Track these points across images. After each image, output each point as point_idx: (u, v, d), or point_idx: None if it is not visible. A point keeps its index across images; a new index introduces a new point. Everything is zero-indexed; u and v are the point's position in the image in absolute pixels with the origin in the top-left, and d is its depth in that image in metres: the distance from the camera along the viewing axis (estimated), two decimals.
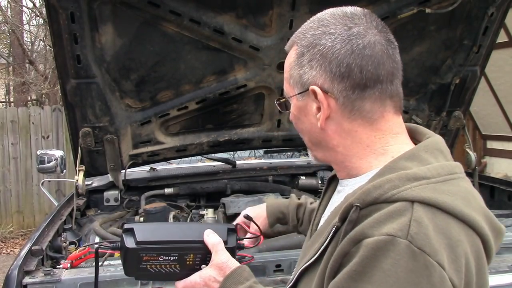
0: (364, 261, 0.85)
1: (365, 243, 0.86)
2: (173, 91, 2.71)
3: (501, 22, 2.79)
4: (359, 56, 0.99)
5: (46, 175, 3.96)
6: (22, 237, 7.84)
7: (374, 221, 0.88)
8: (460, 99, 3.09)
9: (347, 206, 0.94)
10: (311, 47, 1.03)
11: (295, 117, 1.13)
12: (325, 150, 1.10)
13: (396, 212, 0.87)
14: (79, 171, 2.73)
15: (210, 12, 2.40)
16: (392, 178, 0.92)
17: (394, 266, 0.83)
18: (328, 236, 0.96)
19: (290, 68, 1.09)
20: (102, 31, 2.33)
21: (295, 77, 1.07)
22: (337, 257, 0.91)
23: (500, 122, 7.41)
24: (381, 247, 0.84)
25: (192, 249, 1.26)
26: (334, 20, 1.03)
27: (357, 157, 1.05)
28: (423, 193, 0.89)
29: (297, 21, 2.44)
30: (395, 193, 0.90)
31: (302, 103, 1.08)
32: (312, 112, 1.06)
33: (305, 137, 1.14)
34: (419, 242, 0.84)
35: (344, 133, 1.05)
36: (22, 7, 11.02)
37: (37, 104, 10.51)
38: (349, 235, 0.90)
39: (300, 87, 1.06)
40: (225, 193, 3.15)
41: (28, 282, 1.80)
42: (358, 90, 1.00)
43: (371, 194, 0.92)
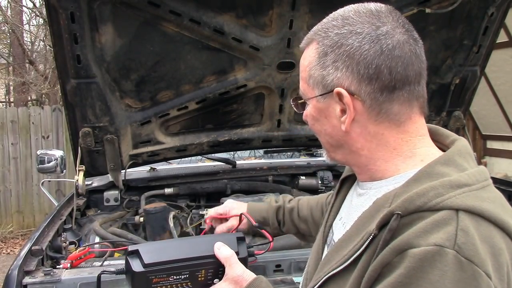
0: (410, 272, 0.83)
1: (411, 254, 0.83)
2: (173, 91, 2.71)
3: (501, 22, 2.79)
4: (388, 57, 0.96)
5: (46, 175, 3.96)
6: (22, 237, 7.84)
7: (419, 231, 0.85)
8: (460, 99, 3.09)
9: (387, 214, 0.90)
10: (336, 47, 0.99)
11: (313, 118, 1.08)
12: (347, 153, 1.06)
13: (442, 221, 0.85)
14: (79, 171, 2.73)
15: (210, 12, 2.40)
16: (436, 185, 0.89)
17: (442, 278, 0.81)
18: (364, 244, 0.93)
19: (309, 68, 1.04)
20: (102, 31, 2.33)
21: (316, 78, 1.02)
22: (377, 266, 0.88)
23: (500, 122, 7.41)
24: (428, 258, 0.82)
25: (203, 265, 1.21)
26: (360, 19, 0.99)
27: (382, 160, 1.02)
28: (467, 201, 0.87)
29: (297, 21, 2.44)
30: (439, 201, 0.87)
31: (323, 104, 1.03)
32: (334, 114, 1.02)
33: (323, 139, 1.09)
34: (467, 252, 0.82)
35: (369, 136, 1.01)
36: (22, 7, 11.02)
37: (37, 104, 10.52)
38: (391, 244, 0.87)
39: (322, 89, 1.02)
40: (225, 193, 3.15)
41: (28, 282, 1.80)
42: (387, 92, 0.98)
43: (414, 202, 0.88)
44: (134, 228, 2.84)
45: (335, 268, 0.98)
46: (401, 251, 0.85)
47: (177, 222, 2.73)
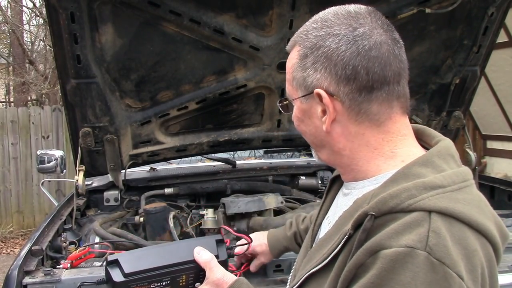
0: (382, 273, 0.83)
1: (382, 255, 0.84)
2: (173, 91, 2.71)
3: (501, 22, 2.79)
4: (365, 58, 0.97)
5: (46, 175, 3.96)
6: (22, 237, 7.84)
7: (391, 232, 0.86)
8: (460, 99, 3.09)
9: (361, 215, 0.91)
10: (315, 49, 1.00)
11: (298, 119, 1.10)
12: (330, 153, 1.08)
13: (414, 223, 0.85)
14: (79, 171, 2.73)
15: (210, 12, 2.40)
16: (409, 187, 0.90)
17: (414, 279, 0.82)
18: (340, 243, 0.94)
19: (292, 70, 1.06)
20: (102, 31, 2.33)
21: (299, 80, 1.04)
22: (351, 267, 0.89)
23: (500, 122, 7.41)
24: (399, 259, 0.83)
25: (184, 270, 1.21)
26: (338, 20, 1.00)
27: (364, 160, 1.03)
28: (440, 203, 0.88)
29: (297, 21, 2.44)
30: (412, 202, 0.88)
31: (306, 105, 1.05)
32: (316, 115, 1.04)
33: (308, 138, 1.11)
34: (438, 254, 0.82)
35: (350, 136, 1.03)
36: (22, 7, 11.02)
37: (37, 104, 10.51)
38: (364, 245, 0.88)
39: (304, 90, 1.04)
40: (225, 193, 3.15)
41: (28, 282, 1.80)
42: (365, 93, 0.98)
43: (387, 204, 0.89)
44: (134, 228, 2.84)
45: (315, 266, 1.00)
46: (374, 252, 0.85)
47: (177, 222, 2.73)
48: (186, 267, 1.22)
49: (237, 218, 2.76)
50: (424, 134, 1.10)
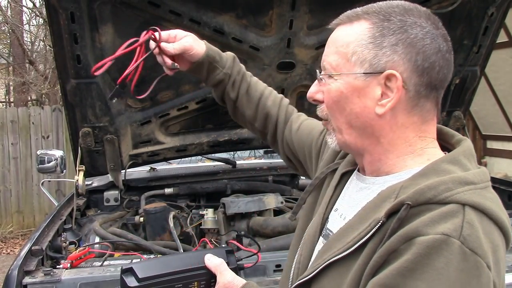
0: (417, 259, 0.86)
1: (418, 241, 0.87)
2: (173, 91, 2.71)
3: (501, 22, 2.79)
4: (443, 57, 1.02)
5: (46, 175, 3.96)
6: (22, 237, 7.84)
7: (428, 220, 0.89)
8: (460, 99, 3.09)
9: (398, 204, 0.93)
10: (399, 32, 1.00)
11: (340, 95, 1.05)
12: (365, 138, 1.06)
13: (450, 213, 0.89)
14: (79, 171, 2.73)
15: (210, 12, 2.40)
16: (445, 180, 0.93)
17: (447, 265, 0.85)
18: (371, 231, 0.96)
19: (357, 44, 1.02)
20: (102, 31, 2.33)
21: (365, 55, 1.01)
22: (383, 253, 0.91)
23: (500, 122, 7.41)
24: (436, 246, 0.86)
25: (196, 276, 1.25)
26: (423, 15, 1.04)
27: (395, 154, 1.04)
28: (473, 198, 0.91)
29: (297, 21, 2.44)
30: (448, 195, 0.91)
31: (362, 83, 1.02)
32: (372, 96, 1.02)
33: (343, 118, 1.06)
34: (471, 244, 0.86)
35: (395, 127, 1.03)
36: (22, 7, 11.02)
37: (37, 104, 10.51)
38: (399, 232, 0.90)
39: (369, 67, 1.01)
40: (225, 193, 3.15)
41: (28, 282, 1.80)
42: (429, 89, 1.02)
43: (425, 194, 0.92)
44: (134, 228, 2.84)
45: (337, 254, 1.01)
46: (409, 239, 0.88)
47: (177, 222, 2.73)
48: (198, 273, 1.25)
49: (237, 218, 2.76)
50: (441, 132, 1.13)
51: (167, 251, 2.35)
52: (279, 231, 2.62)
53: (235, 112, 1.70)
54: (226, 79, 1.62)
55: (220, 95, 1.68)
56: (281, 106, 1.66)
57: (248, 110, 1.66)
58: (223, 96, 1.68)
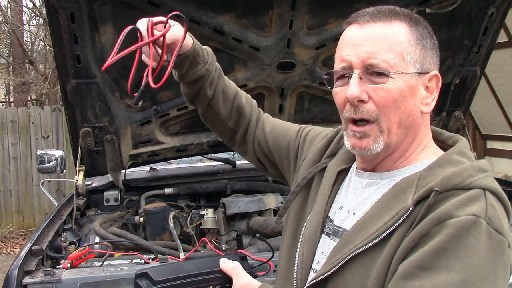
0: (450, 239, 0.92)
1: (451, 223, 0.93)
2: (173, 91, 2.71)
3: (501, 22, 2.79)
4: None
5: (46, 175, 3.97)
6: (22, 237, 7.84)
7: (457, 203, 0.96)
8: (460, 99, 3.09)
9: (426, 191, 0.99)
10: (430, 36, 1.10)
11: (400, 94, 1.04)
12: (407, 135, 1.09)
13: (475, 197, 0.97)
14: (79, 171, 2.73)
15: (210, 12, 2.40)
16: (467, 167, 1.02)
17: (476, 243, 0.92)
18: (400, 219, 1.00)
19: (409, 44, 1.06)
20: (102, 31, 2.33)
21: (418, 56, 1.07)
22: (414, 237, 0.96)
23: (500, 122, 7.41)
24: (466, 226, 0.93)
25: (210, 280, 1.25)
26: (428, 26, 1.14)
27: (418, 149, 1.11)
28: (491, 183, 1.01)
29: (297, 21, 2.44)
30: (472, 181, 0.99)
31: (415, 83, 1.07)
32: (420, 95, 1.08)
33: (396, 117, 1.06)
34: (495, 224, 0.94)
35: (424, 124, 1.12)
36: (22, 7, 11.02)
37: (37, 104, 10.51)
38: (430, 216, 0.96)
39: (420, 67, 1.07)
40: (225, 193, 3.15)
41: (28, 282, 1.80)
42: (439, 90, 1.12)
43: (452, 181, 0.99)
44: (134, 228, 2.84)
45: (361, 246, 1.03)
46: (441, 222, 0.95)
47: (177, 222, 2.73)
48: (213, 277, 1.25)
49: (237, 218, 2.76)
50: (438, 133, 1.20)
51: (167, 251, 2.35)
52: (279, 231, 2.61)
53: (207, 112, 1.56)
54: (206, 75, 1.49)
55: (193, 93, 1.54)
56: (253, 105, 1.63)
57: (223, 109, 1.54)
58: (196, 95, 1.53)
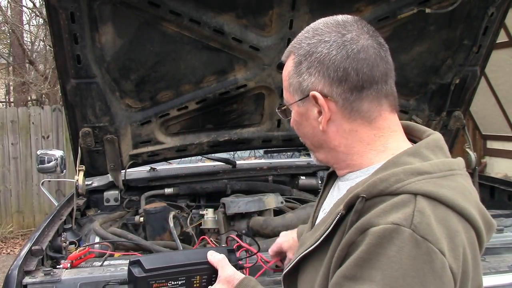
0: (370, 249, 0.91)
1: (371, 232, 0.91)
2: (173, 91, 2.71)
3: (501, 22, 2.79)
4: (354, 60, 1.05)
5: (46, 175, 3.96)
6: (22, 237, 7.83)
7: (380, 211, 0.93)
8: (460, 99, 3.08)
9: (353, 197, 0.99)
10: (308, 55, 1.09)
11: (296, 123, 1.18)
12: (327, 151, 1.15)
13: (401, 203, 0.93)
14: (79, 171, 2.73)
15: (210, 12, 2.40)
16: (397, 172, 0.98)
17: (399, 253, 0.89)
18: (332, 224, 1.01)
19: (288, 77, 1.14)
20: (102, 31, 2.33)
21: (295, 85, 1.12)
22: (344, 246, 0.96)
23: (500, 122, 7.41)
24: (386, 235, 0.90)
25: (198, 271, 1.32)
26: (328, 29, 1.09)
27: (358, 155, 1.11)
28: (425, 187, 0.95)
29: (297, 21, 2.44)
30: (399, 186, 0.96)
31: (303, 108, 1.13)
32: (313, 116, 1.12)
33: (307, 141, 1.19)
34: (422, 231, 0.89)
35: (345, 134, 1.10)
36: (22, 7, 11.02)
37: (37, 104, 10.51)
38: (355, 225, 0.95)
39: (300, 94, 1.12)
40: (225, 193, 3.15)
41: (28, 282, 1.80)
42: (356, 92, 1.06)
43: (377, 187, 0.97)
44: (134, 228, 2.84)
45: (308, 248, 1.07)
46: (364, 230, 0.93)
47: (177, 222, 2.73)
48: (201, 268, 1.32)
49: (237, 218, 2.76)
50: (414, 129, 1.18)
51: (167, 251, 2.35)
52: (279, 231, 2.61)
53: None
54: None
55: None
56: None
57: None
58: None
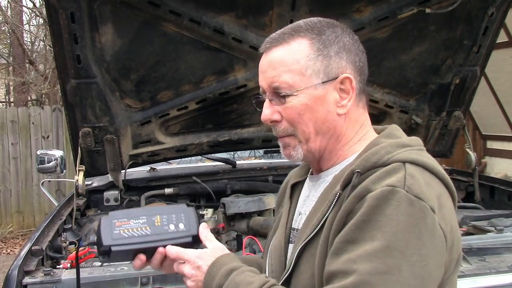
0: (369, 211, 0.98)
1: (369, 196, 0.99)
2: (173, 91, 2.71)
3: (501, 22, 2.79)
4: (363, 56, 1.20)
5: (46, 175, 3.97)
6: (22, 237, 7.84)
7: (375, 178, 1.02)
8: (460, 99, 3.08)
9: (349, 173, 1.06)
10: (337, 42, 1.15)
11: (304, 108, 1.14)
12: (328, 139, 1.17)
13: (392, 170, 1.03)
14: (79, 171, 2.73)
15: (210, 12, 2.40)
16: (385, 145, 1.09)
17: (396, 211, 0.97)
18: (331, 205, 1.07)
19: (307, 59, 1.13)
20: (102, 31, 2.33)
21: (317, 67, 1.13)
22: (342, 217, 1.02)
23: (500, 122, 7.41)
24: (384, 196, 0.98)
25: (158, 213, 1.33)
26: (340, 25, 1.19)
27: (348, 145, 1.18)
28: (411, 156, 1.06)
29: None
30: (390, 157, 1.06)
31: (321, 91, 1.14)
32: (332, 100, 1.15)
33: (309, 128, 1.15)
34: (415, 191, 0.99)
35: (350, 122, 1.18)
36: (22, 7, 11.02)
37: (37, 104, 10.52)
38: (352, 194, 1.02)
39: (324, 76, 1.14)
40: (225, 193, 3.15)
41: (28, 282, 1.80)
42: (363, 84, 1.19)
43: (370, 160, 1.06)
44: None
45: (306, 238, 1.10)
46: (362, 197, 1.01)
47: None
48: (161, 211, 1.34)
49: (237, 218, 2.76)
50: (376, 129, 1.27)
51: None
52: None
53: None
54: None
55: None
56: None
57: None
58: None
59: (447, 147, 3.29)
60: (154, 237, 1.27)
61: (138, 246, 1.27)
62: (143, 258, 1.26)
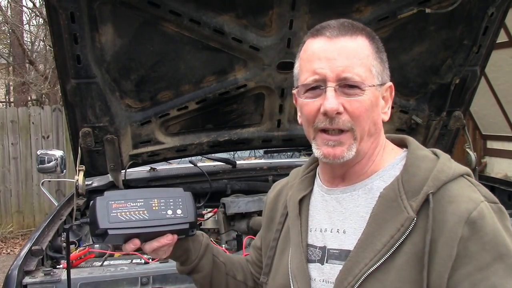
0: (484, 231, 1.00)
1: (472, 218, 1.01)
2: (173, 91, 2.71)
3: (501, 22, 2.79)
4: None
5: (46, 175, 3.97)
6: (22, 237, 7.84)
7: (461, 198, 1.04)
8: (460, 99, 3.08)
9: (424, 196, 1.05)
10: (384, 50, 1.17)
11: (371, 105, 1.11)
12: (374, 141, 1.16)
13: (464, 185, 1.07)
14: (79, 171, 2.73)
15: (210, 12, 2.40)
16: (442, 160, 1.11)
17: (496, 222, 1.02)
18: (406, 231, 1.04)
19: (372, 58, 1.13)
20: (102, 31, 2.33)
21: (379, 69, 1.14)
22: (450, 246, 1.00)
23: (500, 122, 7.41)
24: (486, 213, 1.02)
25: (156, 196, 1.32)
26: None
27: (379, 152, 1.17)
28: (459, 167, 1.11)
29: (297, 21, 2.44)
30: (452, 172, 1.08)
31: (378, 94, 1.14)
32: (380, 105, 1.16)
33: (367, 127, 1.12)
34: (491, 198, 1.07)
35: (382, 130, 1.19)
36: (22, 7, 11.02)
37: (37, 104, 10.52)
38: (450, 225, 1.01)
39: (380, 80, 1.14)
40: (225, 193, 3.15)
41: (28, 282, 1.80)
42: None
43: (440, 179, 1.07)
44: None
45: (374, 264, 1.05)
46: (464, 221, 1.01)
47: None
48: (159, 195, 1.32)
49: (237, 218, 2.75)
50: None
51: None
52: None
53: None
54: None
55: None
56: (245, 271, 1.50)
57: None
58: None
59: (447, 147, 3.29)
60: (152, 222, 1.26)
61: (135, 231, 1.25)
62: (137, 243, 1.26)
